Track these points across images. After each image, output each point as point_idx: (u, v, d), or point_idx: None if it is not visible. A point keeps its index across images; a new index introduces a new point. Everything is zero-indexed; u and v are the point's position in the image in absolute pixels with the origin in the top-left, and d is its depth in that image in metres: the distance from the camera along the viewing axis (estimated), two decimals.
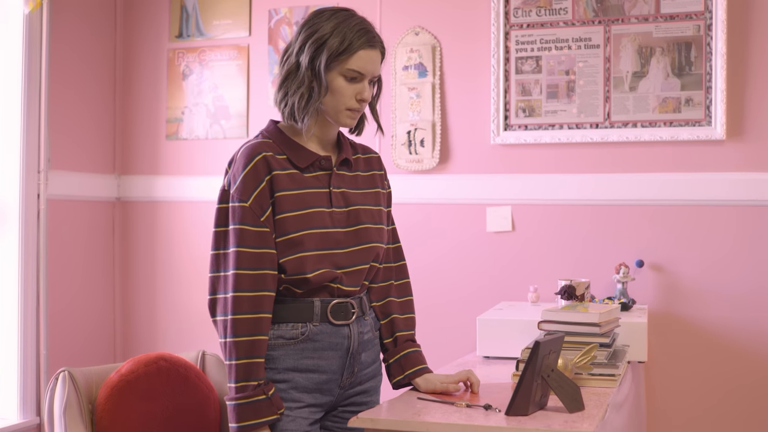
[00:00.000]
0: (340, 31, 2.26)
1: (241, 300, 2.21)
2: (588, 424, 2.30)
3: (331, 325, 2.34)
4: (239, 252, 2.22)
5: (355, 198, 2.40)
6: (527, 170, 3.94)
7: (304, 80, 2.28)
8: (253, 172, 2.25)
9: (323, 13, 2.31)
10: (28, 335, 3.94)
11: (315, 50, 2.27)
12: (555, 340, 2.47)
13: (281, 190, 2.26)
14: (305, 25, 2.31)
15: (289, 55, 2.32)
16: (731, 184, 3.70)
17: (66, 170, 4.21)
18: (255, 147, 2.29)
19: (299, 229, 2.26)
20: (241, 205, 2.23)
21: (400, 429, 2.39)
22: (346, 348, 2.37)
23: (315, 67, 2.27)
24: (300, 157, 2.32)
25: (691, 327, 3.75)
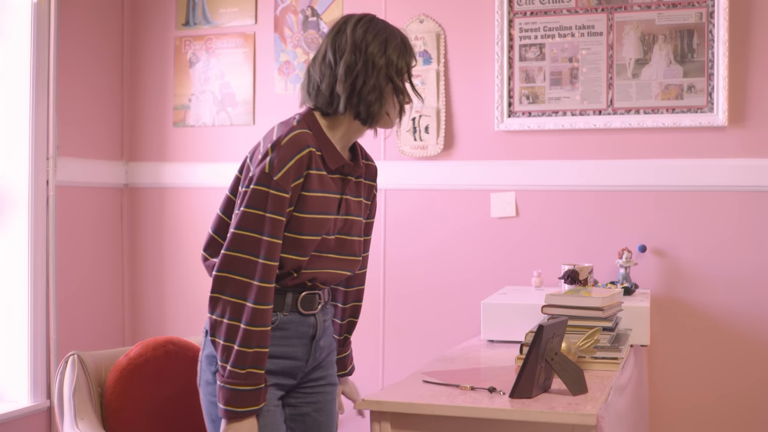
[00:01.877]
0: (396, 38, 2.33)
1: (266, 292, 2.19)
2: (591, 406, 2.31)
3: (299, 315, 2.35)
4: (273, 243, 2.19)
5: (355, 207, 2.43)
6: (531, 156, 3.94)
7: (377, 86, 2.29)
8: (298, 165, 2.22)
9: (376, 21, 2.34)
10: (38, 320, 3.96)
11: (395, 56, 2.30)
12: (558, 324, 2.47)
13: (310, 191, 2.25)
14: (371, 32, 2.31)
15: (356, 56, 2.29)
16: (733, 170, 3.69)
17: (74, 157, 4.21)
18: (303, 138, 2.25)
19: (312, 233, 2.27)
20: (282, 195, 2.19)
21: (406, 411, 2.40)
22: (311, 336, 2.39)
23: (393, 73, 2.30)
24: (332, 158, 2.31)
25: (693, 311, 3.75)
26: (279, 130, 2.28)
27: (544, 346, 2.39)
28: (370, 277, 4.12)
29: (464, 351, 3.20)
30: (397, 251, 4.12)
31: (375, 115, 2.31)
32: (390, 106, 2.34)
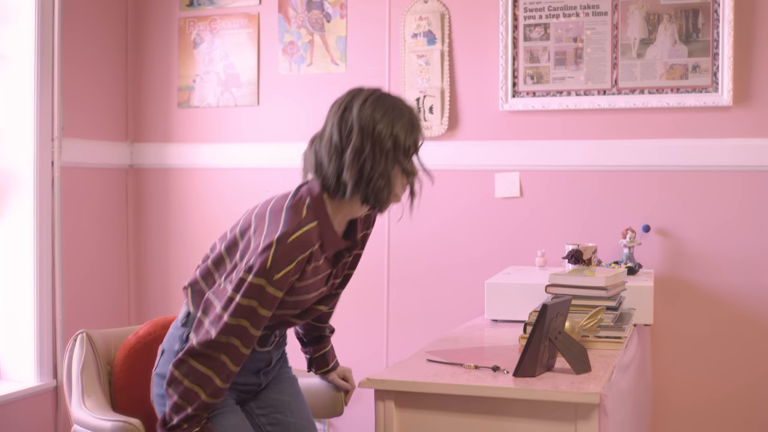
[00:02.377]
0: (414, 121, 2.32)
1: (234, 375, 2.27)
2: (594, 385, 2.32)
3: (254, 351, 2.43)
4: (256, 336, 2.25)
5: (343, 269, 2.50)
6: (535, 136, 3.94)
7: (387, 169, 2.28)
8: (298, 265, 2.22)
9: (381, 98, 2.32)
10: (44, 300, 3.97)
11: (400, 140, 2.29)
12: (562, 303, 2.48)
13: (302, 281, 2.30)
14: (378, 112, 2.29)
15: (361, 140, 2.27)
16: (737, 150, 3.69)
17: (79, 138, 4.22)
18: (309, 239, 2.24)
19: (290, 308, 2.36)
20: (278, 295, 2.22)
21: (410, 390, 2.42)
22: (262, 368, 2.53)
23: (399, 158, 2.30)
24: (331, 245, 2.33)
25: (697, 291, 3.75)
26: (287, 219, 2.24)
27: (547, 325, 2.40)
28: (375, 258, 4.13)
29: (468, 330, 3.21)
30: (401, 232, 4.13)
31: (383, 201, 2.31)
32: (398, 187, 2.34)
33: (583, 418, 2.27)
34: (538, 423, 2.31)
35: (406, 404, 2.42)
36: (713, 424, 3.75)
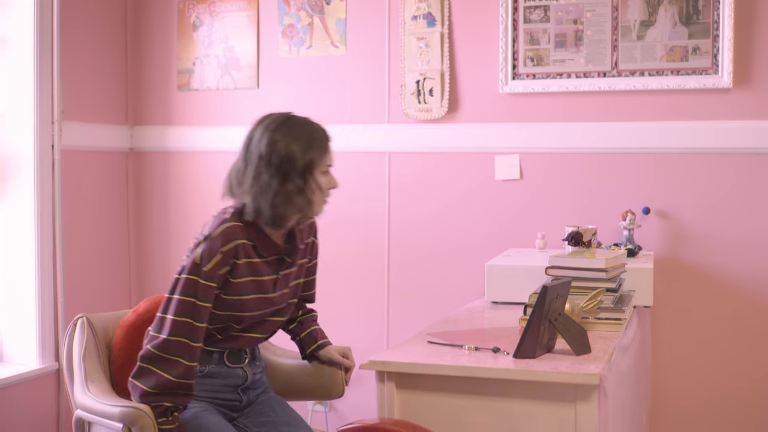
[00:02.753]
0: (316, 135, 2.49)
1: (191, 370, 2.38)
2: (594, 366, 2.34)
3: (227, 367, 2.55)
4: (202, 328, 2.39)
5: (294, 275, 2.61)
6: (535, 119, 3.95)
7: (294, 188, 2.43)
8: (225, 256, 2.40)
9: (283, 125, 2.51)
10: (45, 283, 3.99)
11: (301, 160, 2.43)
12: (562, 285, 2.49)
13: (236, 278, 2.44)
14: (276, 140, 2.46)
15: (266, 169, 2.43)
16: (738, 132, 3.69)
17: (79, 121, 4.22)
18: (232, 232, 2.42)
19: (233, 310, 2.47)
20: (210, 285, 2.39)
21: (411, 371, 2.43)
22: (240, 385, 2.58)
23: (305, 175, 2.44)
24: (264, 246, 2.49)
25: (697, 272, 3.77)
26: (212, 223, 2.45)
27: (547, 307, 2.42)
28: (376, 240, 4.15)
29: (468, 312, 3.23)
30: (402, 214, 4.14)
31: (282, 218, 2.44)
32: (303, 203, 2.45)
33: (583, 399, 2.29)
34: (538, 404, 2.33)
35: (407, 386, 2.44)
36: (714, 406, 3.77)
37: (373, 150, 4.17)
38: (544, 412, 2.32)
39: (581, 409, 2.29)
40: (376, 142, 4.17)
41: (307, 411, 4.24)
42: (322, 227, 4.20)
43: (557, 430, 2.30)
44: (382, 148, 4.16)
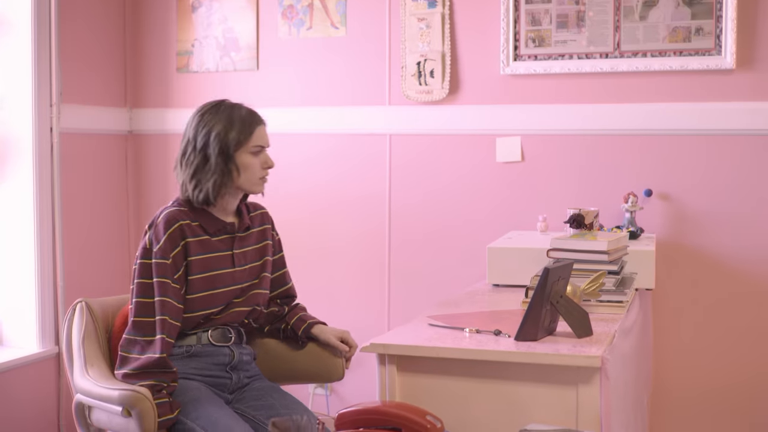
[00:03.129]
0: (236, 118, 2.67)
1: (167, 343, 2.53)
2: (596, 349, 2.34)
3: (212, 346, 2.67)
4: (164, 301, 2.55)
5: (252, 255, 2.78)
6: (537, 101, 3.93)
7: (216, 168, 2.64)
8: (172, 237, 2.59)
9: (209, 110, 2.70)
10: (45, 267, 3.99)
11: (221, 140, 2.64)
12: (564, 267, 2.49)
13: (192, 255, 2.62)
14: (200, 125, 2.67)
15: (190, 154, 2.66)
16: (740, 113, 3.68)
17: (78, 104, 4.21)
18: (174, 215, 2.63)
19: (205, 290, 2.63)
20: (164, 261, 2.57)
21: (412, 354, 2.43)
22: (228, 363, 2.69)
23: (227, 154, 2.64)
24: (210, 223, 2.68)
25: (699, 255, 3.77)
26: (156, 213, 2.68)
27: (549, 289, 2.41)
28: (376, 222, 4.15)
29: (469, 295, 3.23)
30: (402, 197, 4.14)
31: (207, 196, 2.65)
32: (226, 182, 2.66)
33: (585, 382, 2.29)
34: (540, 386, 2.33)
35: (408, 368, 2.44)
36: (716, 388, 3.78)
37: (374, 132, 4.16)
38: (545, 395, 2.33)
39: (583, 392, 2.29)
40: (376, 124, 4.16)
41: (308, 394, 4.25)
42: (321, 209, 4.22)
43: (559, 413, 2.31)
44: (382, 130, 4.15)
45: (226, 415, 2.49)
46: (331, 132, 4.24)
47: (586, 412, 2.29)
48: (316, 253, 4.26)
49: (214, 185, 2.64)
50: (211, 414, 2.47)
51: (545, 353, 2.32)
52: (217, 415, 2.47)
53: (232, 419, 2.48)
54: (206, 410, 2.49)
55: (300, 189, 4.27)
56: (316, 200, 4.26)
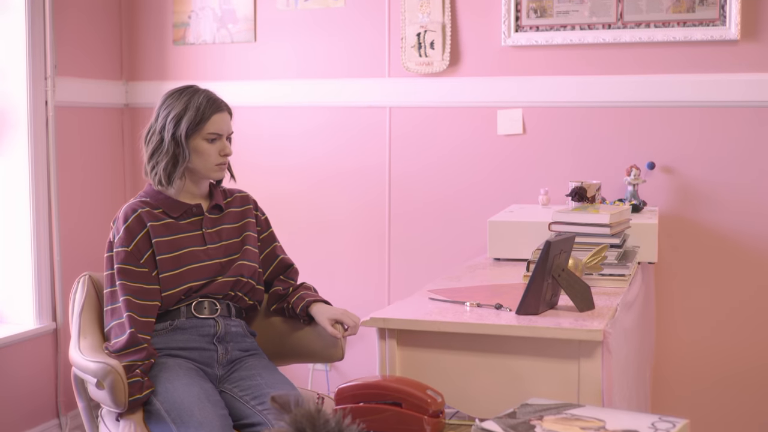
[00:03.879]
0: (193, 104, 2.76)
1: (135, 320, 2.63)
2: (598, 322, 2.34)
3: (196, 319, 2.74)
4: (125, 284, 2.68)
5: (229, 233, 2.86)
6: (538, 72, 3.92)
7: (169, 151, 2.76)
8: (131, 226, 2.74)
9: (174, 93, 2.81)
10: (42, 242, 3.98)
11: (175, 124, 2.75)
12: (566, 240, 2.49)
13: (157, 237, 2.74)
14: (162, 106, 2.80)
15: (152, 134, 2.80)
16: (745, 84, 3.67)
17: (73, 77, 4.20)
18: (132, 206, 2.78)
19: (176, 268, 2.73)
20: (123, 249, 2.72)
21: (412, 328, 2.43)
22: (213, 334, 2.74)
23: (178, 138, 2.75)
24: (173, 208, 2.80)
25: (702, 229, 3.77)
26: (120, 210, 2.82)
27: (551, 263, 2.41)
28: (377, 196, 4.14)
29: (470, 269, 3.23)
30: (403, 170, 4.13)
31: (161, 180, 2.78)
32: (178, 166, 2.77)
33: (587, 356, 2.29)
34: (541, 360, 2.34)
35: (409, 343, 2.45)
36: (718, 362, 3.79)
37: (373, 105, 4.15)
38: (547, 369, 2.33)
39: (585, 366, 2.29)
40: (376, 97, 4.14)
41: (308, 370, 4.26)
42: (320, 182, 4.21)
43: (560, 387, 2.31)
44: (382, 102, 4.14)
45: (193, 396, 2.52)
46: (330, 104, 4.22)
47: (588, 387, 2.29)
48: (315, 226, 4.26)
49: (165, 167, 2.76)
50: (177, 396, 2.53)
51: (547, 327, 2.32)
52: (183, 397, 2.52)
53: (198, 403, 2.51)
54: (174, 392, 2.55)
55: (298, 162, 4.27)
56: (315, 173, 4.26)
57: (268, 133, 4.30)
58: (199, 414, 2.47)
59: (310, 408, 1.67)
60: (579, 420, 1.84)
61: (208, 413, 2.48)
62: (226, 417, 2.54)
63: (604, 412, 1.88)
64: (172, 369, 2.63)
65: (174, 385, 2.57)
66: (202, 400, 2.52)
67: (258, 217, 2.98)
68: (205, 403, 2.52)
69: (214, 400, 2.57)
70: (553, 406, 1.94)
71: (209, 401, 2.54)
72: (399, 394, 2.03)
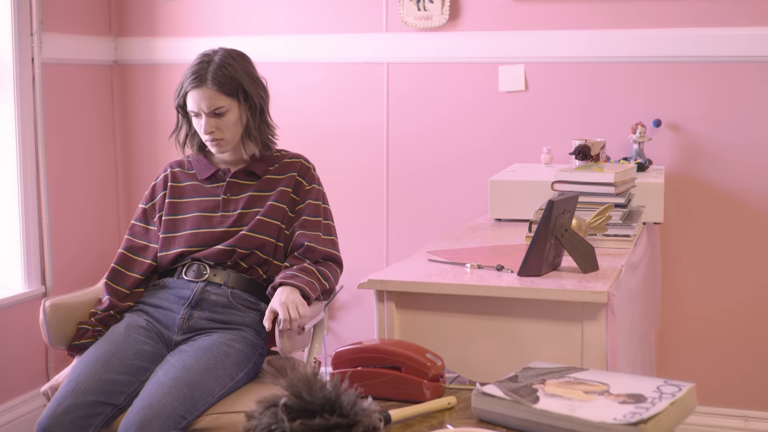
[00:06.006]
0: (183, 78, 2.84)
1: (115, 272, 2.87)
2: (602, 284, 2.34)
3: (184, 280, 2.80)
4: (127, 239, 2.94)
5: (253, 201, 2.87)
6: (541, 26, 3.89)
7: (178, 119, 2.95)
8: (157, 183, 2.98)
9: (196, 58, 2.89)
10: (30, 204, 3.97)
11: (177, 103, 2.88)
12: (569, 199, 2.48)
13: (172, 198, 2.90)
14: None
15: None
16: (753, 39, 3.64)
17: (60, 33, 4.16)
18: (168, 164, 3.01)
19: (174, 231, 2.86)
20: (142, 206, 2.98)
21: (411, 291, 2.43)
22: (187, 298, 2.77)
23: (178, 109, 2.90)
24: (203, 170, 2.94)
25: (709, 188, 3.76)
26: None
27: (553, 223, 2.40)
28: (374, 155, 4.13)
29: (471, 230, 3.22)
30: (401, 128, 4.11)
31: (179, 144, 2.98)
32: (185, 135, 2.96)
33: (590, 318, 2.29)
34: (544, 323, 2.34)
35: (408, 305, 2.44)
36: (725, 324, 3.80)
37: (370, 61, 4.13)
38: (549, 332, 2.33)
39: (588, 329, 2.29)
40: (373, 53, 4.12)
41: None
42: (316, 141, 4.20)
43: (564, 350, 2.31)
44: (379, 58, 4.11)
45: (96, 353, 2.62)
46: (325, 61, 4.20)
47: (592, 350, 2.29)
48: None
49: (175, 134, 2.96)
50: (89, 351, 2.66)
51: (549, 289, 2.32)
52: (90, 352, 2.65)
53: (90, 361, 2.59)
54: (93, 346, 2.69)
55: (292, 120, 4.24)
56: (310, 132, 4.24)
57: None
58: (80, 370, 2.56)
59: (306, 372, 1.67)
60: (582, 384, 1.84)
61: (89, 372, 2.54)
62: (119, 382, 2.55)
63: (608, 376, 1.89)
64: (118, 325, 2.76)
65: (100, 339, 2.71)
66: (98, 359, 2.59)
67: (301, 185, 2.91)
68: (97, 364, 2.57)
69: (116, 362, 2.58)
70: (556, 369, 1.94)
71: (105, 363, 2.57)
72: (398, 358, 2.03)
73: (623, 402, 1.71)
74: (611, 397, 1.74)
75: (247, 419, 1.66)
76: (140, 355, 2.63)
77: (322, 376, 1.66)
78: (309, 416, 1.59)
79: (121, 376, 2.56)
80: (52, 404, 2.48)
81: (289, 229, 2.87)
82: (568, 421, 1.67)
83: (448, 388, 2.07)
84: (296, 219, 2.88)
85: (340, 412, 1.61)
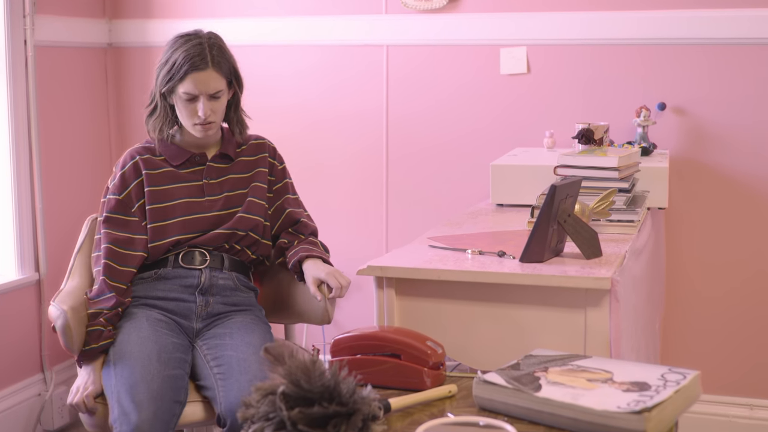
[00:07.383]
0: (172, 58, 2.76)
1: (108, 267, 2.75)
2: (605, 270, 2.34)
3: (182, 269, 2.80)
4: (108, 233, 2.80)
5: (233, 183, 2.90)
6: (543, 8, 3.88)
7: (154, 103, 2.86)
8: (126, 173, 2.86)
9: (173, 39, 2.81)
10: (22, 189, 3.96)
11: (156, 78, 2.81)
12: (572, 184, 2.48)
13: (151, 186, 2.82)
14: (163, 53, 2.82)
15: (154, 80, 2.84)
16: (759, 21, 3.63)
17: (53, 15, 4.14)
18: (132, 153, 2.90)
19: (164, 219, 2.81)
20: (115, 197, 2.84)
21: (411, 277, 2.43)
22: (196, 285, 2.79)
23: (161, 93, 2.81)
24: (175, 156, 2.88)
25: (715, 173, 3.75)
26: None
27: (556, 208, 2.40)
28: (374, 139, 4.13)
29: (472, 215, 3.22)
30: (401, 111, 4.11)
31: (150, 130, 2.89)
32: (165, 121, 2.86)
33: (594, 305, 2.29)
34: (546, 310, 2.34)
35: (408, 292, 2.45)
36: (729, 310, 3.80)
37: (370, 43, 4.12)
38: (552, 318, 2.33)
39: (592, 315, 2.30)
40: (372, 35, 4.11)
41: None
42: (314, 124, 4.19)
43: (566, 337, 2.31)
44: (379, 40, 4.10)
45: (143, 353, 2.58)
46: (324, 43, 4.19)
47: (595, 337, 2.29)
48: (309, 171, 4.24)
49: (149, 118, 2.88)
50: (128, 351, 2.60)
51: (552, 275, 2.32)
52: (133, 352, 2.59)
53: (145, 360, 2.55)
54: (127, 345, 2.62)
55: (290, 103, 4.24)
56: (308, 115, 4.23)
57: (258, 72, 4.26)
58: (141, 372, 2.51)
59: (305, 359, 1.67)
60: (585, 371, 1.84)
61: (152, 372, 2.52)
62: (177, 378, 2.57)
63: (612, 364, 1.89)
64: (137, 321, 2.70)
65: (130, 338, 2.63)
66: (150, 357, 2.56)
67: (273, 165, 3.00)
68: (153, 361, 2.56)
69: (166, 358, 2.59)
70: (559, 357, 1.95)
71: (159, 360, 2.57)
72: (398, 346, 2.03)
73: (627, 390, 1.71)
74: (615, 385, 1.75)
75: (245, 407, 1.66)
76: (177, 348, 2.66)
77: (320, 364, 1.66)
78: (307, 404, 1.59)
79: (177, 371, 2.59)
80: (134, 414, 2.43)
81: (271, 209, 2.96)
82: (571, 410, 1.67)
83: (449, 376, 2.07)
84: (277, 198, 2.97)
85: (339, 401, 1.61)
